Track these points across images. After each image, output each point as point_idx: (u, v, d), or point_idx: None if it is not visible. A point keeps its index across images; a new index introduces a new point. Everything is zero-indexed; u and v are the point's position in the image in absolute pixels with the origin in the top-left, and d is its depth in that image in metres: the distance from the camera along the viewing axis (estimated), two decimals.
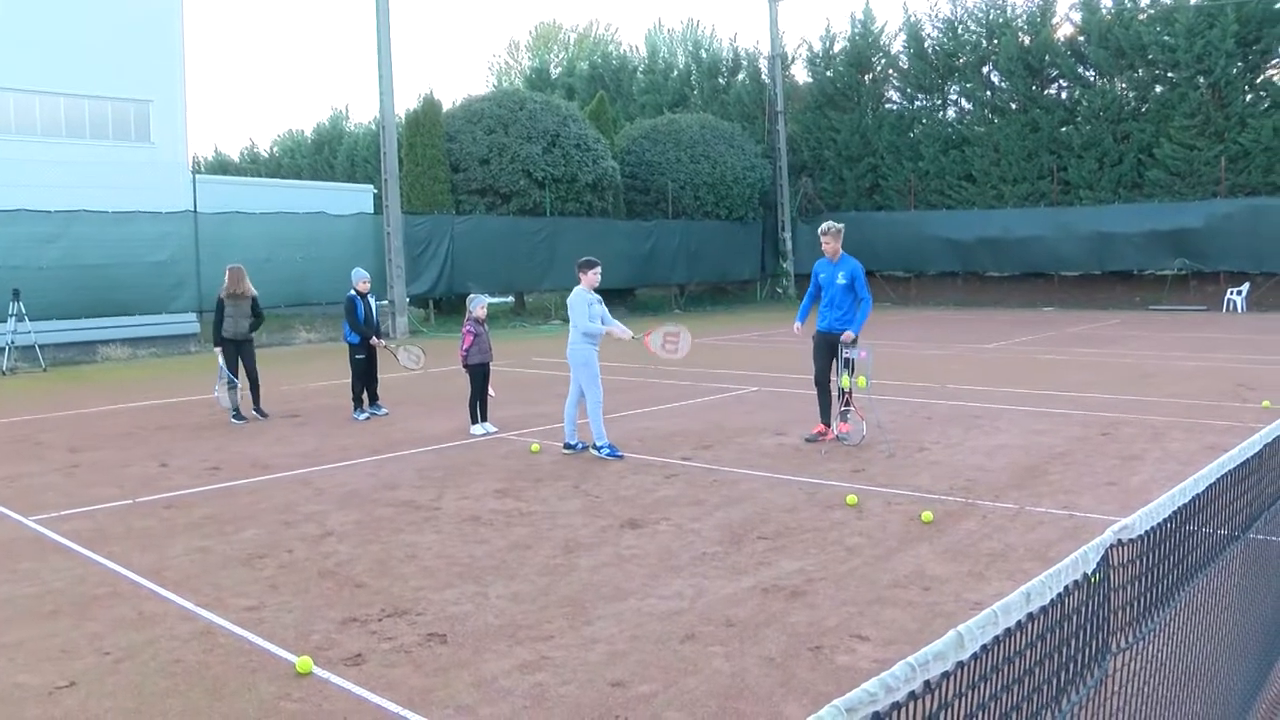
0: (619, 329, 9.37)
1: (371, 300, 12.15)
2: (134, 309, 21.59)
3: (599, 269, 9.52)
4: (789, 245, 36.64)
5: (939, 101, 35.81)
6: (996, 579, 5.45)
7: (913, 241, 33.79)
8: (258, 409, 11.99)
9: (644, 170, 33.88)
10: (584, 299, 9.35)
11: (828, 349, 9.78)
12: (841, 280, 9.65)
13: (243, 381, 11.97)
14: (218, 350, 11.82)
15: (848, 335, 9.52)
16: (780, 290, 37.09)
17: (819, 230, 9.86)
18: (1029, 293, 32.71)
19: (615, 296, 32.86)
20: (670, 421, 11.20)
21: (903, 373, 14.78)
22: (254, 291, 12.07)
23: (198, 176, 26.14)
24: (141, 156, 23.77)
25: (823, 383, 9.84)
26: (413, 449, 9.90)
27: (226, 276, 11.94)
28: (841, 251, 9.79)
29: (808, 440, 9.70)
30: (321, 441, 10.44)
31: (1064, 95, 32.83)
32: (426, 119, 28.21)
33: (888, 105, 36.63)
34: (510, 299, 34.12)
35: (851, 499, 7.26)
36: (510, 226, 28.32)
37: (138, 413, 12.79)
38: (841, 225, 9.91)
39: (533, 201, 28.86)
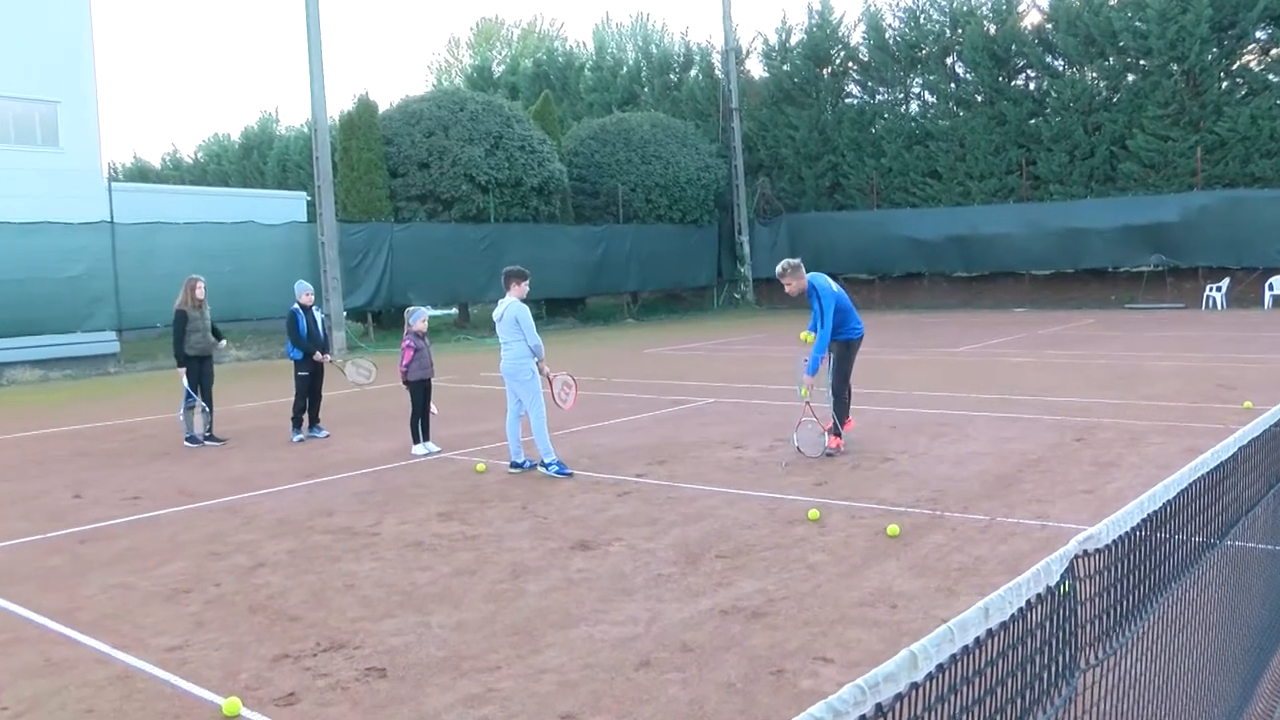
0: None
1: (316, 314, 12.06)
2: (45, 328, 21.14)
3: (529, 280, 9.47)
4: (746, 249, 36.91)
5: (901, 95, 36.28)
6: (967, 594, 5.49)
7: (876, 242, 34.16)
8: (211, 434, 11.77)
9: (593, 172, 33.93)
10: (528, 310, 9.32)
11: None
12: (818, 308, 9.62)
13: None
14: (181, 371, 11.51)
15: (809, 381, 9.38)
16: (738, 296, 37.31)
17: (777, 273, 9.74)
18: (999, 293, 33.21)
19: (565, 306, 32.90)
20: (623, 436, 11.18)
21: (866, 380, 14.88)
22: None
23: (114, 184, 25.73)
24: (50, 162, 23.32)
25: (838, 391, 9.75)
26: (350, 471, 9.79)
27: (186, 287, 11.68)
28: (809, 280, 9.66)
29: (829, 454, 9.47)
30: (252, 466, 10.29)
31: (1032, 86, 33.27)
32: (362, 121, 28.04)
33: (848, 100, 37.06)
34: (453, 311, 33.95)
35: (813, 514, 7.29)
36: (452, 234, 28.20)
37: (49, 440, 12.52)
38: (797, 260, 9.80)
39: (476, 207, 28.77)
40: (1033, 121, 32.66)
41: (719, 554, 6.50)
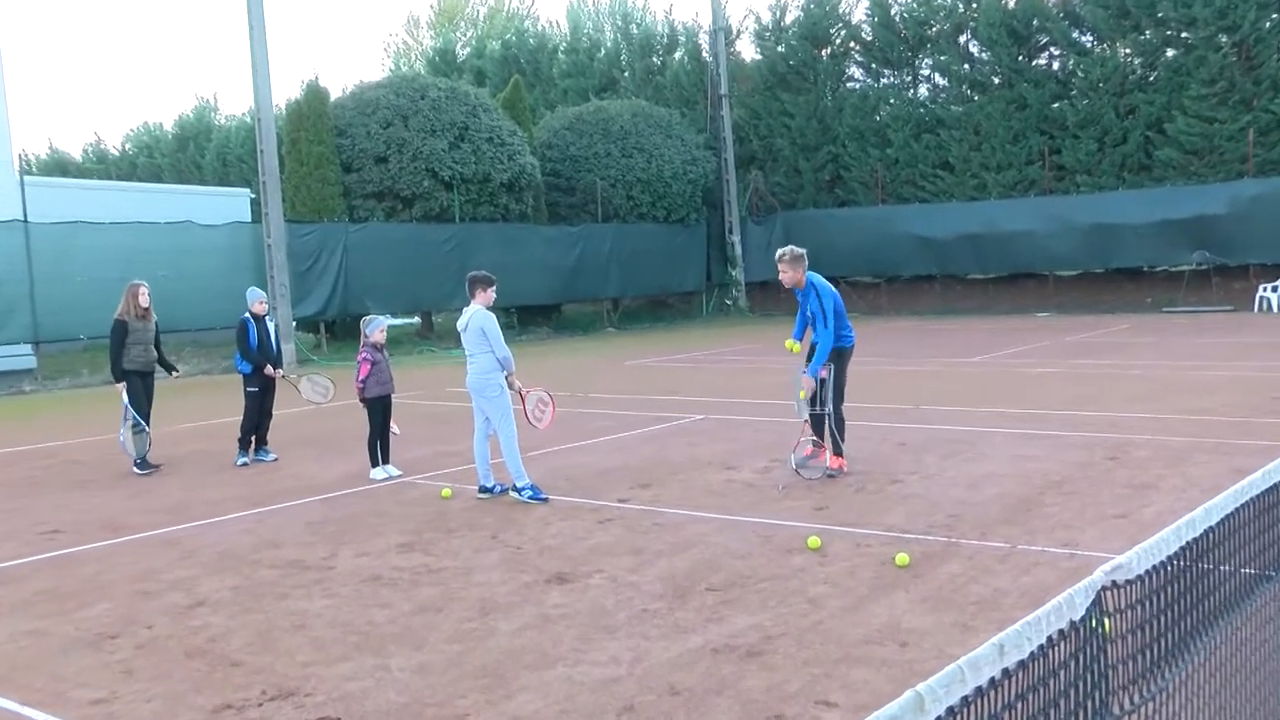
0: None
1: (270, 324, 12.06)
2: None
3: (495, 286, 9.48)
4: (738, 250, 37.03)
5: (909, 78, 36.51)
6: (986, 630, 5.50)
7: (881, 241, 34.29)
8: (144, 459, 11.66)
9: (568, 167, 33.98)
10: (495, 319, 9.33)
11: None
12: (816, 308, 9.68)
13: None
14: (121, 386, 11.40)
15: (808, 382, 9.49)
16: (730, 303, 37.38)
17: (776, 258, 9.86)
18: (1019, 297, 33.32)
19: (538, 314, 32.91)
20: (603, 457, 11.18)
21: (871, 393, 14.93)
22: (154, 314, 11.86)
23: (27, 178, 25.54)
24: None
25: (818, 403, 9.81)
26: (301, 499, 9.75)
27: (128, 294, 11.57)
28: (808, 277, 9.75)
29: (829, 475, 9.50)
30: (190, 494, 10.24)
31: (1056, 66, 33.24)
32: (311, 110, 28.00)
33: (849, 84, 37.27)
34: (415, 320, 33.85)
35: (814, 541, 7.30)
36: (413, 235, 28.18)
37: None
38: (802, 250, 9.84)
39: (439, 206, 28.78)
40: (1056, 105, 32.62)
41: (710, 586, 6.50)
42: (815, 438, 9.78)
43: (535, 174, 31.26)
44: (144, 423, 11.41)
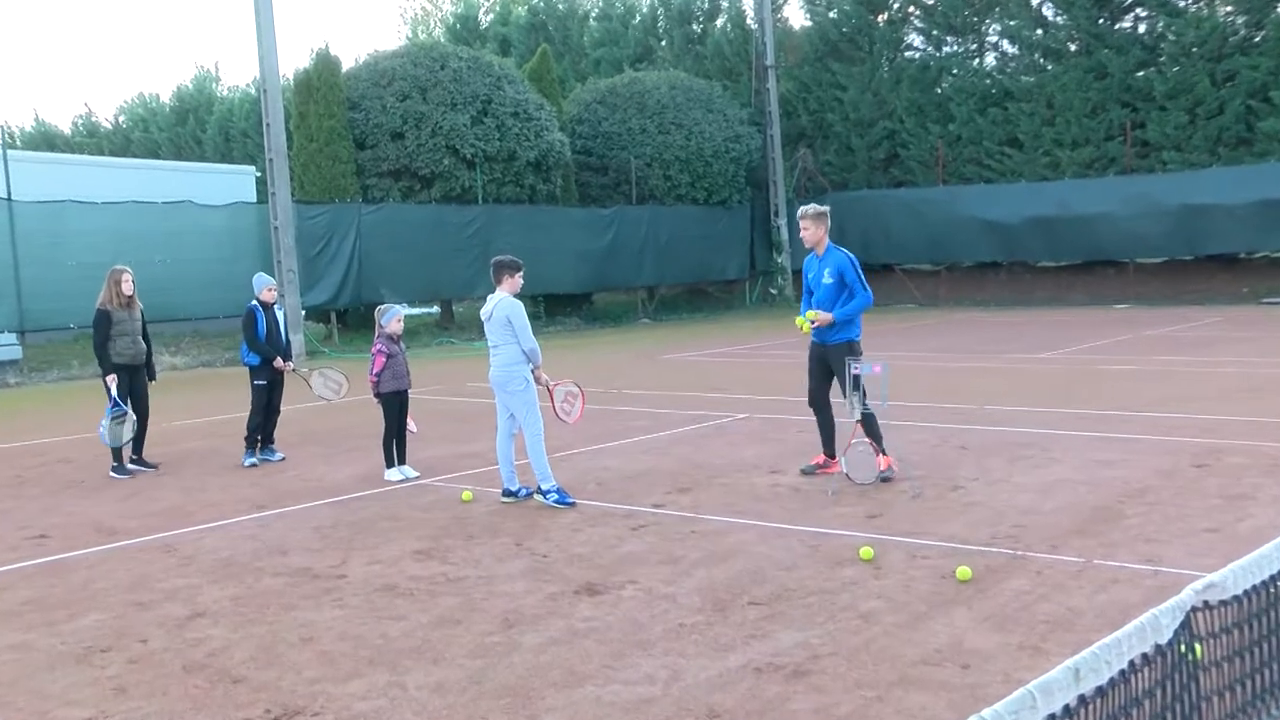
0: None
1: (278, 313, 12.13)
2: None
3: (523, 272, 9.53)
4: (784, 235, 36.94)
5: (974, 46, 36.26)
6: (1059, 653, 5.43)
7: (941, 226, 34.12)
8: (140, 459, 11.78)
9: (600, 144, 34.02)
10: (522, 308, 9.35)
11: (822, 363, 9.96)
12: (828, 279, 9.80)
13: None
14: (111, 380, 11.40)
15: (824, 316, 9.63)
16: (775, 291, 37.32)
17: (797, 214, 10.01)
18: (1095, 287, 32.97)
19: (567, 304, 32.97)
20: (637, 459, 11.17)
21: (929, 391, 14.84)
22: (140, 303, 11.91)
23: (11, 153, 25.80)
24: None
25: (819, 403, 10.00)
26: (310, 501, 9.80)
27: (110, 280, 11.59)
28: (829, 242, 9.94)
29: (804, 472, 9.86)
30: (190, 496, 10.31)
31: (1142, 29, 32.72)
32: (321, 81, 28.17)
33: (908, 53, 37.10)
34: (434, 309, 34.04)
35: (866, 552, 7.26)
36: (432, 217, 28.31)
37: None
38: (825, 208, 10.07)
39: (460, 186, 28.89)
40: (1142, 74, 32.15)
41: (752, 600, 6.48)
42: (869, 439, 9.74)
43: (564, 152, 31.31)
44: (124, 405, 11.40)
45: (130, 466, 11.52)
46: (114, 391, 11.38)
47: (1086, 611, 6.07)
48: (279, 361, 11.91)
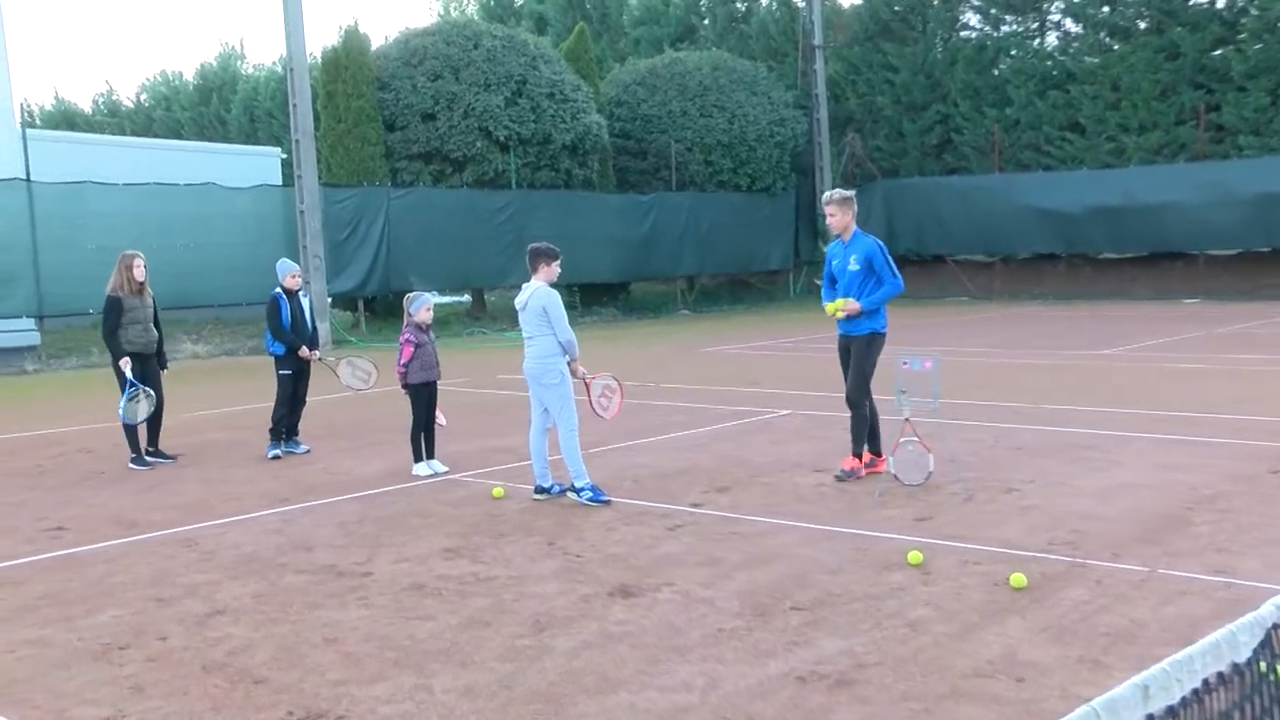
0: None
1: (304, 300, 12.23)
2: None
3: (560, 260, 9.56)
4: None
5: (1035, 25, 35.92)
6: (1121, 668, 5.38)
7: (997, 215, 33.89)
8: (157, 450, 11.91)
9: (639, 127, 34.01)
10: (558, 298, 9.36)
11: (848, 356, 9.98)
12: (854, 265, 9.81)
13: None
14: (124, 362, 11.45)
15: (852, 305, 9.66)
16: (820, 283, 37.17)
17: (822, 200, 10.03)
18: (1161, 280, 32.57)
19: (603, 293, 33.00)
20: (675, 456, 11.18)
21: (983, 389, 14.75)
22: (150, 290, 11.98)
23: (30, 132, 26.04)
24: None
25: (856, 401, 9.96)
26: (335, 496, 9.86)
27: (120, 265, 11.65)
28: (855, 228, 9.99)
29: (839, 479, 9.80)
30: (211, 489, 10.41)
31: (1221, 3, 32.08)
32: (350, 60, 28.33)
33: (964, 33, 36.85)
34: (465, 298, 34.17)
35: (915, 557, 7.22)
36: (464, 202, 28.41)
37: None
38: (851, 193, 10.12)
39: (493, 169, 28.97)
40: (1219, 53, 31.68)
41: (795, 605, 6.46)
42: (916, 436, 9.68)
43: (602, 135, 31.33)
44: (140, 385, 11.48)
45: (148, 459, 11.64)
46: (128, 373, 11.46)
47: (1151, 624, 6.00)
48: (304, 350, 11.99)
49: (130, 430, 11.54)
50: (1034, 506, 8.62)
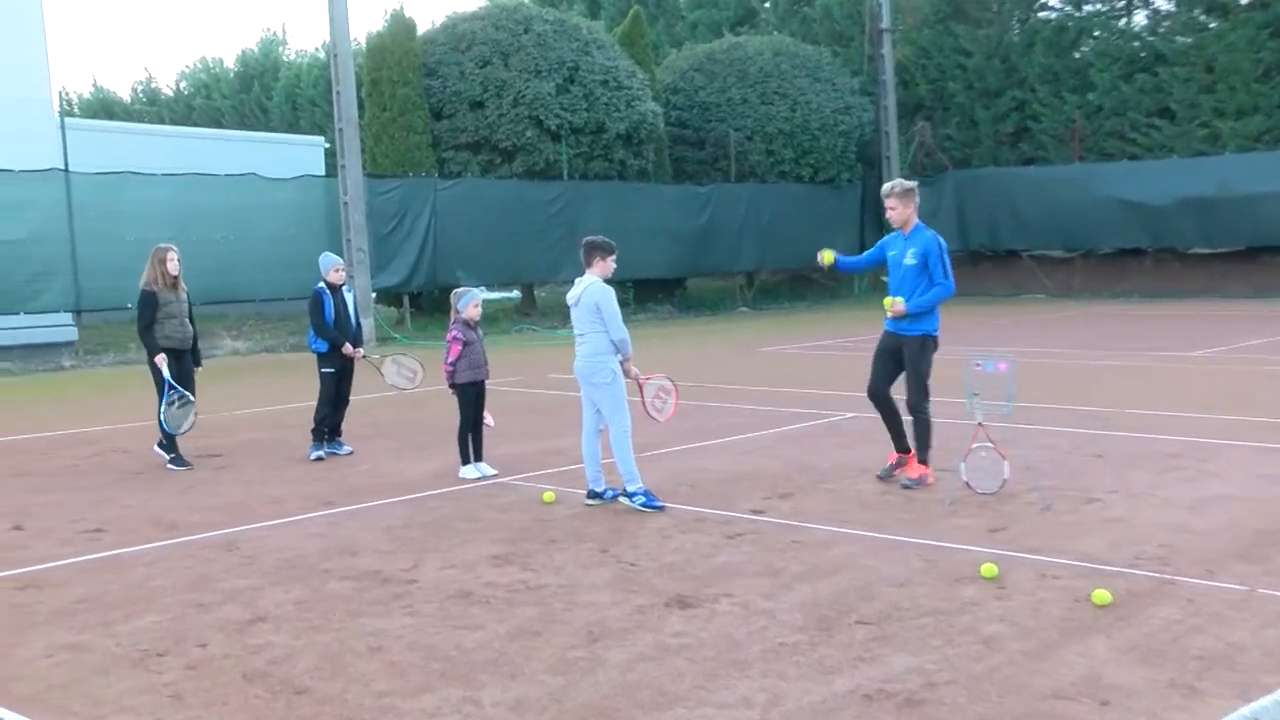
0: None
1: (348, 295, 12.29)
2: None
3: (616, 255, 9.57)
4: None
5: (1121, 4, 35.43)
6: (1218, 694, 5.29)
7: (1078, 207, 33.49)
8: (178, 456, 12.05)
9: (696, 115, 33.98)
10: (613, 294, 9.35)
11: (891, 355, 9.96)
12: (910, 259, 9.79)
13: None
14: (161, 359, 11.53)
15: (899, 306, 9.68)
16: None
17: (882, 193, 10.04)
18: (1259, 277, 31.94)
19: (658, 289, 33.02)
20: (733, 460, 11.15)
21: (1062, 392, 14.60)
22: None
23: (69, 120, 26.37)
24: None
25: (880, 395, 10.00)
26: (380, 499, 9.92)
27: (154, 259, 11.75)
28: (917, 221, 10.00)
29: (880, 477, 9.93)
30: (251, 490, 10.50)
31: None
32: (396, 45, 28.52)
33: (1042, 13, 36.47)
34: (514, 294, 34.31)
35: (989, 569, 7.15)
36: (513, 194, 28.51)
37: None
38: (913, 184, 10.14)
39: (544, 160, 29.05)
40: None
41: (861, 619, 6.42)
42: (990, 442, 9.61)
43: (657, 123, 31.33)
44: (188, 394, 11.62)
45: (183, 457, 11.72)
46: (166, 373, 11.53)
47: (1251, 648, 5.89)
48: (348, 348, 12.06)
49: (170, 434, 11.69)
50: (1118, 518, 8.51)
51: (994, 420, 9.44)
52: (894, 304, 9.76)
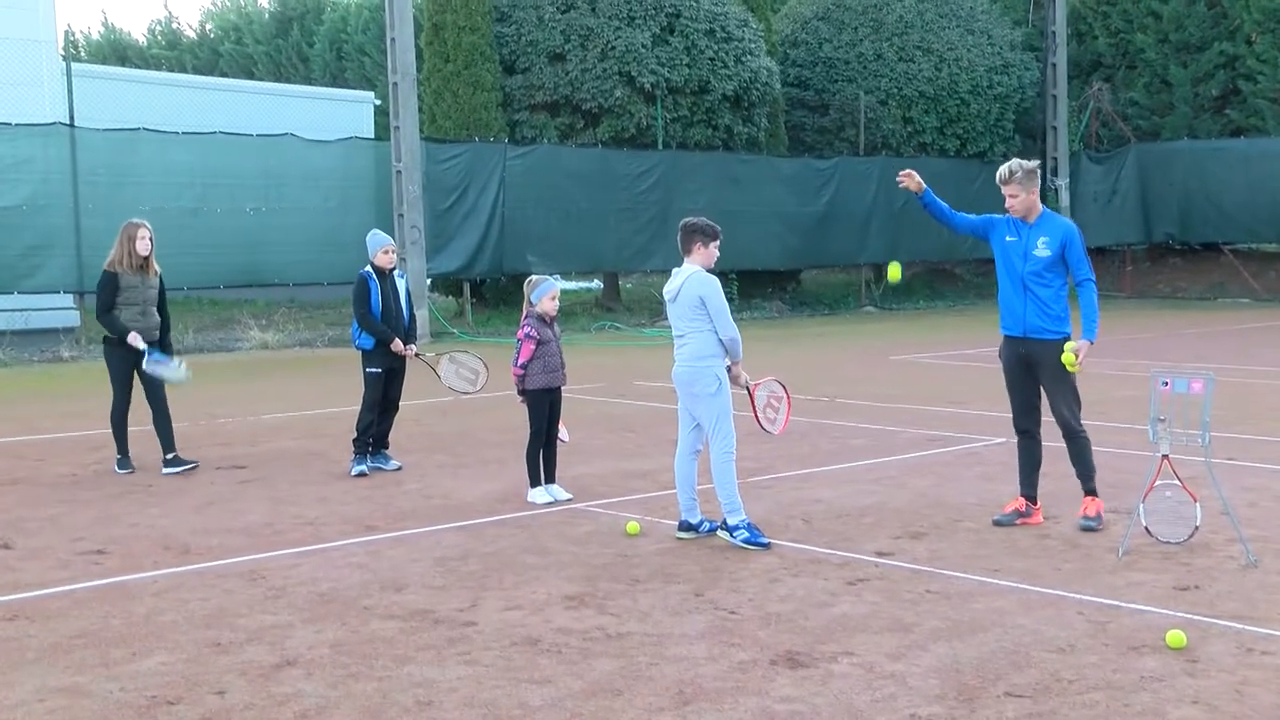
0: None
1: (399, 282, 12.35)
2: None
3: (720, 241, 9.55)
4: (1066, 199, 36.16)
5: None
6: None
7: None
8: (175, 457, 12.26)
9: (820, 74, 33.90)
10: (719, 286, 9.32)
11: (1027, 371, 9.84)
12: (1043, 251, 9.66)
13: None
14: (133, 337, 11.83)
15: (1082, 346, 9.53)
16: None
17: (997, 177, 9.90)
18: None
19: (768, 283, 32.97)
20: (856, 490, 11.10)
21: (1270, 420, 14.35)
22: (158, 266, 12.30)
23: (75, 66, 26.56)
24: None
25: (1027, 430, 9.94)
26: (432, 525, 9.98)
27: (124, 236, 12.04)
28: (1044, 208, 9.89)
29: (997, 523, 9.80)
30: (281, 510, 10.60)
31: None
32: None
33: None
34: (595, 284, 34.40)
35: (1176, 638, 7.03)
36: (598, 165, 28.59)
37: None
38: (1035, 163, 9.99)
39: (636, 125, 29.11)
40: None
41: (1011, 690, 6.36)
42: (1178, 479, 9.47)
43: (772, 83, 31.27)
44: (162, 356, 11.89)
45: (169, 468, 11.95)
46: (140, 344, 11.83)
47: None
48: (398, 344, 12.09)
49: (120, 426, 11.98)
50: None
51: (1184, 453, 9.30)
52: (1077, 351, 9.54)
